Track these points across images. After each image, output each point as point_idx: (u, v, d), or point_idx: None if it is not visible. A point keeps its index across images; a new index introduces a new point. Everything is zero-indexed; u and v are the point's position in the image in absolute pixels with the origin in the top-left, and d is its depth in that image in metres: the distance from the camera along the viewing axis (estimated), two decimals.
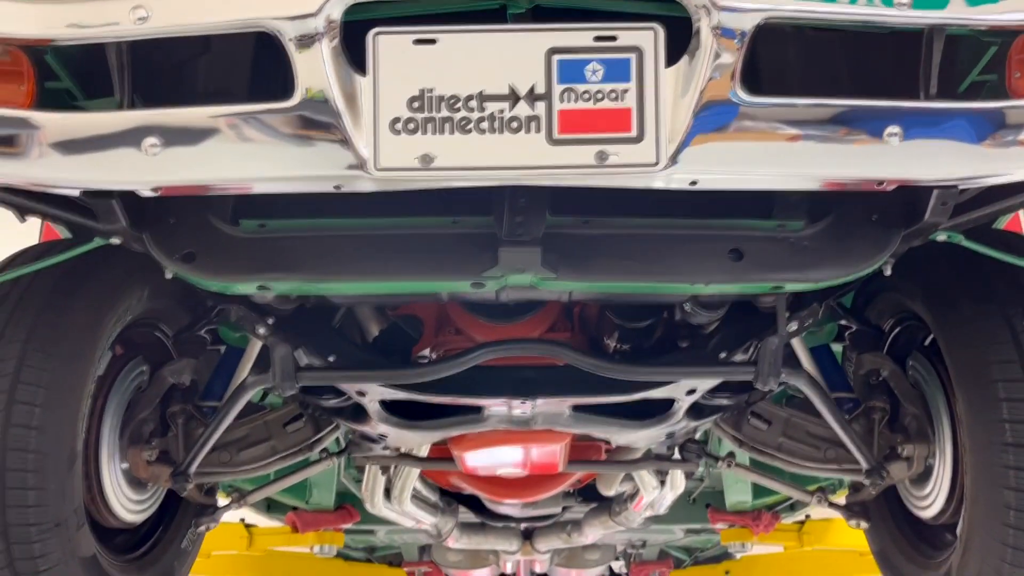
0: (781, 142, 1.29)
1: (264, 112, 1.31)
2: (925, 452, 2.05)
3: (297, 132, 1.31)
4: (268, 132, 1.32)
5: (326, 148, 1.31)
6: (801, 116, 1.29)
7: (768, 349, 1.66)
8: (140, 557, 2.24)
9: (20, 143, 1.31)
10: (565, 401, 1.81)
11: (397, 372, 1.74)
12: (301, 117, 1.30)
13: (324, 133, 1.30)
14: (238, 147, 1.32)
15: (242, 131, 1.31)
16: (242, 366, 2.01)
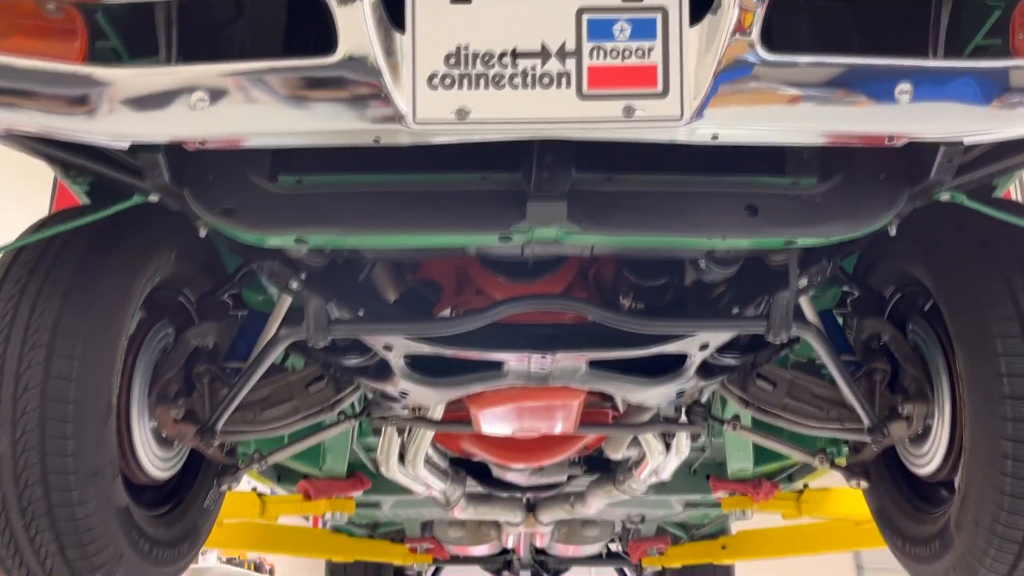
0: (798, 98, 1.37)
1: (308, 68, 1.38)
2: (924, 411, 2.13)
3: (338, 87, 1.37)
4: (311, 87, 1.38)
5: (366, 102, 1.38)
6: (817, 73, 1.36)
7: (780, 303, 1.74)
8: (166, 513, 2.31)
9: (91, 101, 1.37)
10: (583, 356, 1.89)
11: (425, 324, 1.81)
12: (343, 72, 1.36)
13: (364, 88, 1.37)
14: (282, 102, 1.38)
15: (287, 86, 1.38)
16: (270, 324, 2.07)
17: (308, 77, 1.38)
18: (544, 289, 1.97)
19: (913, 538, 2.27)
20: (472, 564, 6.16)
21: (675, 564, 5.31)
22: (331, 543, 4.93)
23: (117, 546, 1.95)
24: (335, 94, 1.37)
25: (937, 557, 2.12)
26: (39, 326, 1.82)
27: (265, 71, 1.38)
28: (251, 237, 1.63)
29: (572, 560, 6.19)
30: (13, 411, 1.79)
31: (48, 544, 1.86)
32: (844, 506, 3.55)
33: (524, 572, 6.12)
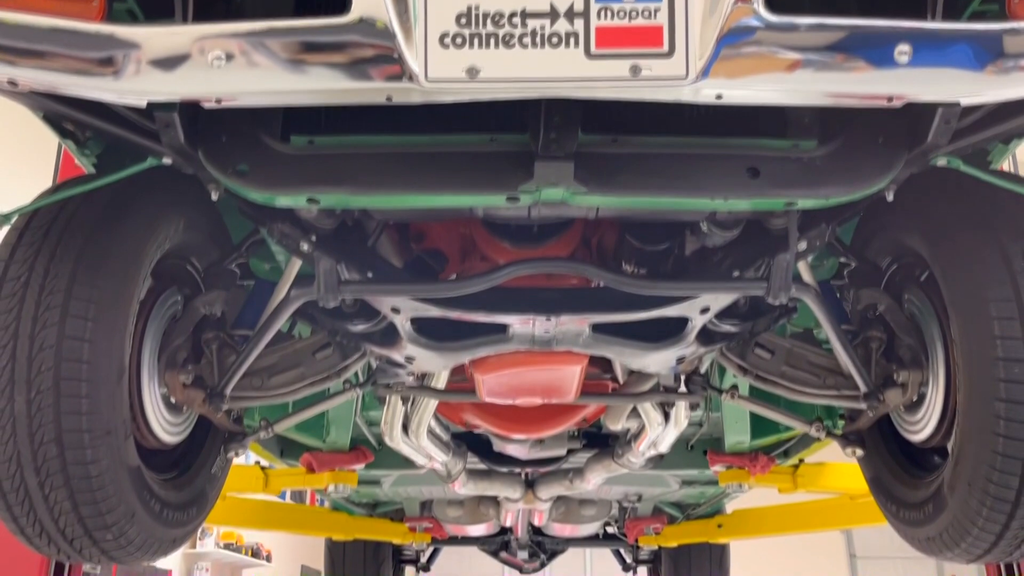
0: (800, 59, 1.40)
1: (323, 28, 1.41)
2: (919, 378, 2.18)
3: (352, 47, 1.41)
4: (325, 47, 1.42)
5: (379, 61, 1.41)
6: (819, 35, 1.40)
7: (779, 265, 1.78)
8: (176, 477, 2.35)
9: (117, 61, 1.40)
10: (586, 319, 1.92)
11: (433, 285, 1.85)
12: (356, 32, 1.39)
13: (377, 47, 1.40)
14: (298, 61, 1.42)
15: (303, 46, 1.41)
16: (280, 289, 2.11)
17: (323, 37, 1.41)
18: (549, 254, 2.01)
19: (907, 503, 2.32)
20: (470, 545, 6.22)
21: (671, 543, 5.37)
22: (330, 521, 4.98)
23: (129, 505, 1.99)
24: (349, 53, 1.40)
25: (930, 520, 2.17)
26: (53, 288, 1.85)
27: (283, 31, 1.41)
28: (263, 197, 1.66)
29: (569, 540, 6.26)
30: (28, 371, 1.82)
31: (62, 501, 1.89)
32: (839, 480, 3.61)
33: (521, 552, 6.18)
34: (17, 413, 1.83)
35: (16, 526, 1.96)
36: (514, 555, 6.25)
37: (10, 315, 1.84)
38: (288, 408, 2.71)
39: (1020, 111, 1.64)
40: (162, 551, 2.22)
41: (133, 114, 1.67)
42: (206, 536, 11.04)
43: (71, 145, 2.00)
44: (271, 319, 2.01)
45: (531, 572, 6.45)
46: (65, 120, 1.65)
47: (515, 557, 6.26)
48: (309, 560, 13.27)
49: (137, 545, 2.08)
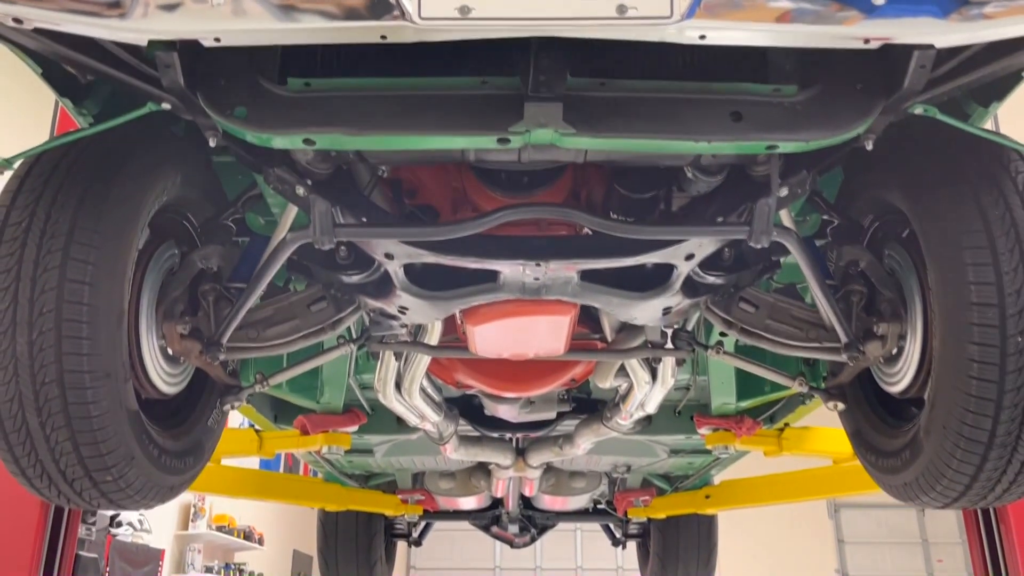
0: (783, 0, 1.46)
1: None
2: (898, 330, 2.25)
3: None
4: None
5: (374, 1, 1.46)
6: None
7: (761, 209, 1.84)
8: (174, 427, 2.41)
9: (125, 4, 1.45)
10: (575, 265, 1.98)
11: (427, 227, 1.90)
12: None
13: None
14: None
15: None
16: (276, 235, 2.15)
17: None
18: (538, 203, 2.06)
19: (885, 452, 2.39)
20: (462, 519, 6.29)
21: (660, 515, 5.45)
22: (323, 492, 5.03)
23: (128, 447, 2.04)
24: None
25: (907, 465, 2.24)
26: (54, 232, 1.89)
27: None
28: (260, 138, 1.71)
29: (559, 515, 6.33)
30: (30, 312, 1.87)
31: (63, 442, 1.94)
32: (823, 444, 3.68)
33: (512, 526, 6.25)
34: (19, 354, 1.87)
35: (17, 467, 2.00)
36: (505, 529, 6.32)
37: (12, 259, 1.88)
38: (283, 363, 2.75)
39: (991, 60, 1.70)
40: (160, 497, 2.27)
41: (133, 59, 1.71)
42: (198, 518, 11.11)
43: (68, 103, 2.04)
44: (267, 264, 2.06)
45: (521, 546, 6.52)
46: (66, 62, 1.69)
47: (506, 531, 6.33)
48: (301, 545, 13.37)
49: (136, 488, 2.13)
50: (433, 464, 4.89)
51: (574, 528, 15.94)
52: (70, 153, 2.00)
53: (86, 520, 4.18)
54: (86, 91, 2.06)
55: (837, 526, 16.93)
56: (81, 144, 2.03)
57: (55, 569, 3.62)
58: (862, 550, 16.63)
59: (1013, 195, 1.94)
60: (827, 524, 16.89)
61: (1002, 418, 1.94)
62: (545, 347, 2.49)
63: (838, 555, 16.69)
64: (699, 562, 5.94)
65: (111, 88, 2.10)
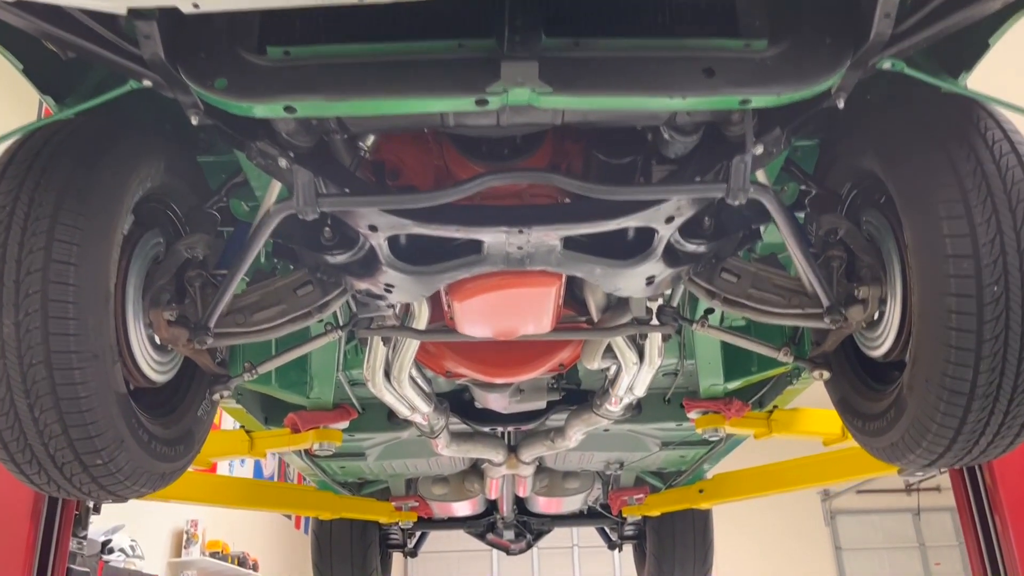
0: None
1: None
2: (879, 293, 2.28)
3: None
4: None
5: None
6: None
7: (737, 166, 1.87)
8: (164, 415, 2.41)
9: None
10: (557, 231, 2.00)
11: (410, 195, 1.92)
12: None
13: None
14: None
15: None
16: (261, 211, 2.16)
17: None
18: None
19: (870, 415, 2.42)
20: (457, 527, 6.27)
21: (655, 512, 5.45)
22: (316, 500, 5.01)
23: (118, 431, 2.05)
24: None
25: (892, 424, 2.26)
26: (39, 215, 1.91)
27: None
28: (242, 108, 1.73)
29: (554, 519, 6.32)
30: (16, 294, 1.87)
31: (52, 424, 1.94)
32: (812, 425, 3.70)
33: (508, 532, 6.24)
34: (6, 336, 1.88)
35: (6, 453, 2.00)
36: (500, 536, 6.30)
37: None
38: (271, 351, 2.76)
39: (952, 10, 1.74)
40: (150, 484, 2.27)
41: (113, 35, 1.73)
42: (191, 545, 10.98)
43: (50, 101, 2.07)
44: (252, 239, 2.08)
45: (517, 553, 6.50)
46: (47, 39, 1.71)
47: (501, 538, 6.31)
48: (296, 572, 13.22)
49: (126, 473, 2.13)
50: (426, 468, 4.89)
51: (571, 544, 15.88)
52: (53, 140, 2.02)
53: (77, 534, 4.12)
54: (68, 87, 2.09)
55: (834, 533, 16.93)
56: (64, 132, 2.05)
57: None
58: (860, 556, 16.62)
59: (983, 149, 1.98)
60: (824, 532, 16.89)
61: (982, 368, 1.97)
62: (532, 324, 2.51)
63: (836, 562, 16.67)
64: (696, 560, 5.94)
65: (94, 83, 2.13)
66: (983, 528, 3.92)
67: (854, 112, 2.21)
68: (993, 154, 1.98)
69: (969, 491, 3.97)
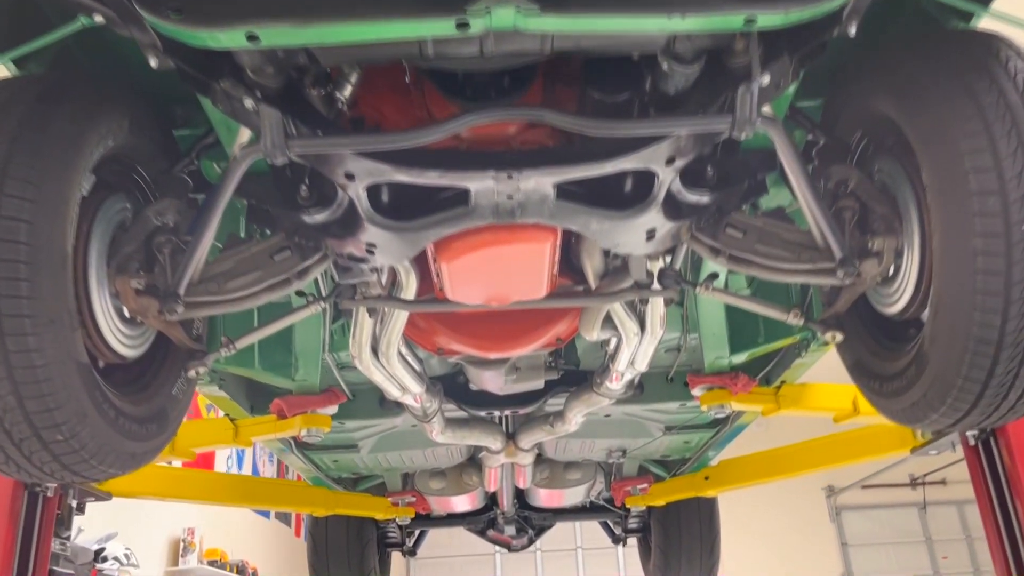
0: None
1: None
2: (894, 244, 2.14)
3: None
4: None
5: None
6: None
7: (743, 96, 1.72)
8: (135, 393, 2.26)
9: None
10: (549, 176, 1.85)
11: (387, 135, 1.77)
12: None
13: None
14: None
15: None
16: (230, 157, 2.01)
17: None
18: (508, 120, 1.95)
19: (888, 375, 2.27)
20: (456, 524, 6.11)
21: (659, 502, 5.29)
22: (309, 496, 4.85)
23: (80, 404, 1.89)
24: None
25: (913, 382, 2.12)
26: None
27: None
28: (201, 37, 1.59)
29: (556, 514, 6.16)
30: None
31: (6, 396, 1.79)
32: (821, 400, 3.55)
33: (509, 528, 6.08)
34: None
35: None
36: (501, 532, 6.14)
37: None
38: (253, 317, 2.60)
39: None
40: (120, 464, 2.12)
41: None
42: (189, 553, 10.81)
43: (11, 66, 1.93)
44: (221, 189, 1.93)
45: (519, 549, 6.34)
46: None
47: (502, 534, 6.15)
48: None
49: (91, 452, 1.98)
50: (422, 461, 4.73)
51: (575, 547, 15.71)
52: (3, 92, 1.88)
53: (59, 534, 3.96)
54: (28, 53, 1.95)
55: (839, 529, 16.80)
56: (15, 84, 1.91)
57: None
58: (866, 552, 16.49)
59: (1005, 80, 1.85)
60: (829, 528, 16.75)
61: (1011, 313, 1.83)
62: (526, 287, 2.36)
63: (842, 558, 16.53)
64: (703, 552, 5.78)
65: (54, 51, 1.99)
66: (1002, 511, 3.78)
67: (865, 53, 2.07)
68: (1016, 84, 1.84)
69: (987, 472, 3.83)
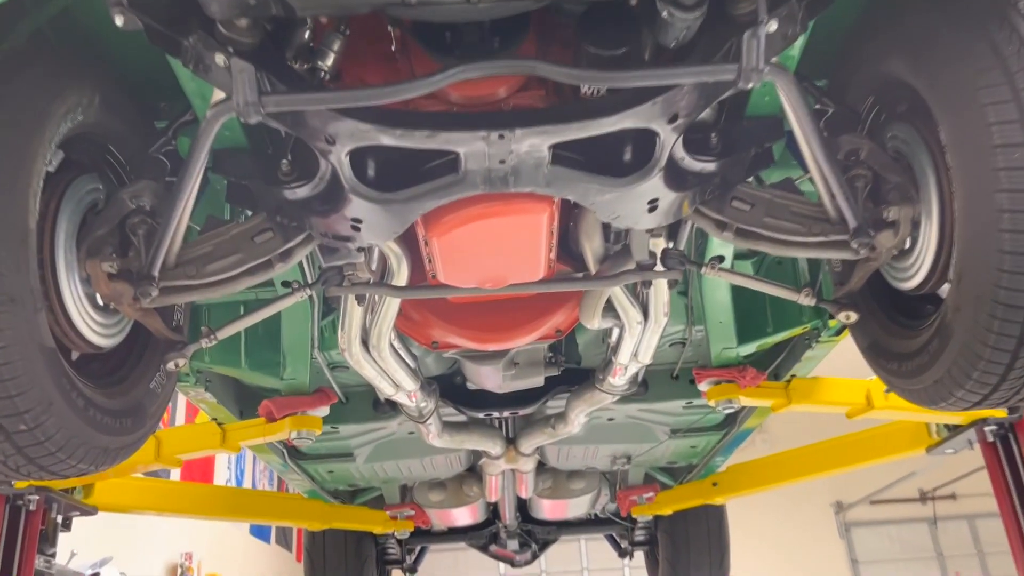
0: None
1: None
2: (911, 213, 2.03)
3: None
4: None
5: None
6: None
7: (750, 43, 1.61)
8: (110, 385, 2.13)
9: None
10: (544, 136, 1.73)
11: (369, 90, 1.65)
12: None
13: None
14: None
15: None
16: None
17: None
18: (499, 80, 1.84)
19: (908, 353, 2.15)
20: (458, 540, 5.94)
21: (667, 511, 5.13)
22: (305, 509, 4.69)
23: (44, 390, 1.77)
24: None
25: (935, 358, 2.00)
26: None
27: None
28: None
29: (560, 527, 6.00)
30: None
31: None
32: (833, 394, 3.41)
33: (512, 543, 5.90)
34: None
35: None
36: (504, 547, 5.97)
37: None
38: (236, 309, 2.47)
39: None
40: (91, 460, 1.98)
41: None
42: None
43: None
44: (192, 156, 1.81)
45: (523, 564, 6.16)
46: None
47: (505, 549, 5.98)
48: None
49: (58, 444, 1.85)
50: (420, 471, 4.58)
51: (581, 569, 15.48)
52: None
53: (44, 551, 3.82)
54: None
55: (849, 546, 16.58)
56: None
57: None
58: (876, 569, 16.26)
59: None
60: (839, 544, 16.54)
61: None
62: (521, 267, 2.23)
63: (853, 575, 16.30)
64: (712, 563, 5.60)
65: None
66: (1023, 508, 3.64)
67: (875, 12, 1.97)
68: None
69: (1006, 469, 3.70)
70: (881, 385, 3.49)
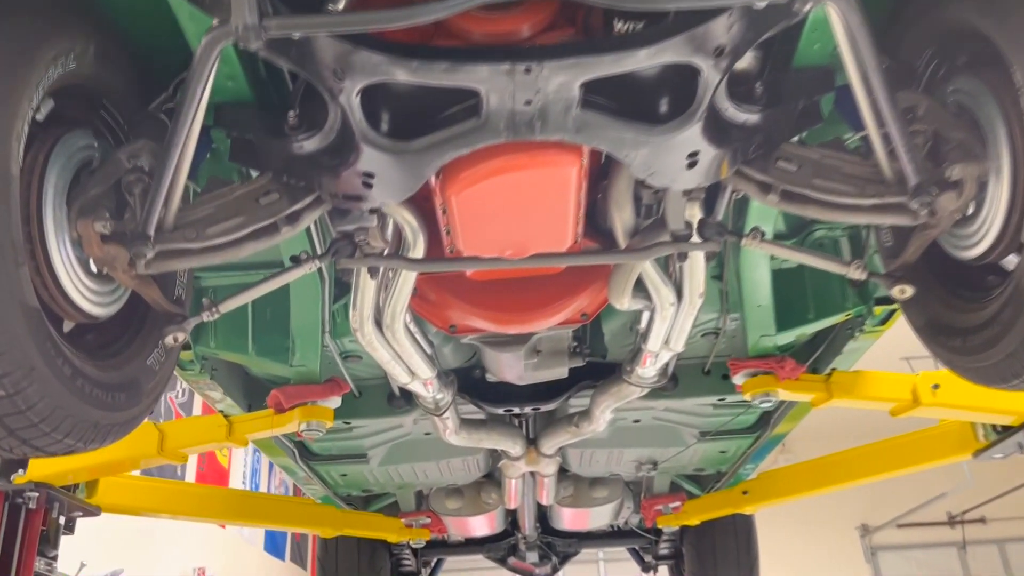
0: None
1: None
2: (976, 171, 1.84)
3: None
4: None
5: None
6: None
7: None
8: (103, 357, 1.98)
9: None
10: (574, 70, 1.56)
11: (381, 13, 1.49)
12: None
13: None
14: None
15: None
16: None
17: None
18: (523, 15, 1.68)
19: (974, 327, 1.96)
20: (475, 552, 5.73)
21: (693, 521, 4.90)
22: (317, 514, 4.51)
23: (25, 353, 1.61)
24: None
25: (1007, 329, 1.81)
26: None
27: None
28: None
29: (582, 539, 5.78)
30: None
31: None
32: (877, 389, 3.20)
33: (531, 555, 5.69)
34: None
35: None
36: (523, 559, 5.75)
37: None
38: None
39: None
40: (80, 434, 1.82)
41: None
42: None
43: None
44: (189, 88, 1.66)
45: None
46: None
47: (524, 562, 5.76)
48: None
49: (41, 415, 1.68)
50: (437, 475, 4.39)
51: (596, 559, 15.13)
52: None
53: (45, 553, 3.67)
54: None
55: (875, 570, 16.16)
56: None
57: None
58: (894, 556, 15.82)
59: None
60: (865, 569, 16.12)
61: None
62: (548, 232, 2.07)
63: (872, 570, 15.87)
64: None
65: None
66: None
67: None
68: None
69: None
70: (928, 380, 3.29)
